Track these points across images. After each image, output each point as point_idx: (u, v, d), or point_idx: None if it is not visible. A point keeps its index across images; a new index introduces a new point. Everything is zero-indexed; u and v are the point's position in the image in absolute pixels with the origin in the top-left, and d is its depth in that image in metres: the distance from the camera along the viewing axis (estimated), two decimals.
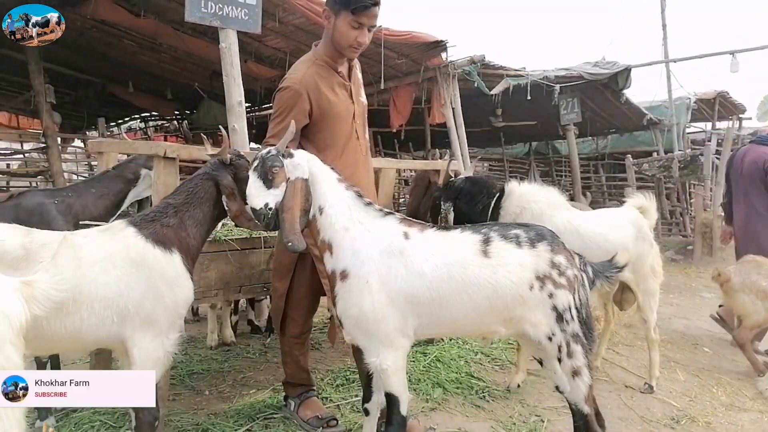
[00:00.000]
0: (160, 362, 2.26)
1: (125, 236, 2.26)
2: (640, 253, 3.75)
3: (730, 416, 3.74)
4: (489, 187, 3.77)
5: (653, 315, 3.85)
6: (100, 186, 3.54)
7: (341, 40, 2.72)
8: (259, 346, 4.43)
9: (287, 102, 2.72)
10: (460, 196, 3.69)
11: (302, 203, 2.24)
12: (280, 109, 2.75)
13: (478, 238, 2.29)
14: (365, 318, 2.21)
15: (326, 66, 2.81)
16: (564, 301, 2.27)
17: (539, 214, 3.56)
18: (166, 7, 6.19)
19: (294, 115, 2.66)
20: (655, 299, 3.86)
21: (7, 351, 1.63)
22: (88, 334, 2.15)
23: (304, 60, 2.86)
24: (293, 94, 2.70)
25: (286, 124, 2.53)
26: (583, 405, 2.35)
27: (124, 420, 2.87)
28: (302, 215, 2.25)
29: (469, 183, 3.80)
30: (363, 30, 2.70)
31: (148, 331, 2.22)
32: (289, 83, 2.74)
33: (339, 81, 2.85)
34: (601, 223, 3.75)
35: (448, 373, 3.81)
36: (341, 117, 2.83)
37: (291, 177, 2.24)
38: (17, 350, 1.67)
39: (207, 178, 2.50)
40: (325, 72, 2.80)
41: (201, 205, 2.43)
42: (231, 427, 2.89)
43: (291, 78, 2.77)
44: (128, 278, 2.18)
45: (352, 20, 2.65)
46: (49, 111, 7.79)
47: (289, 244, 2.17)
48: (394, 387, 2.27)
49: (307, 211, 2.29)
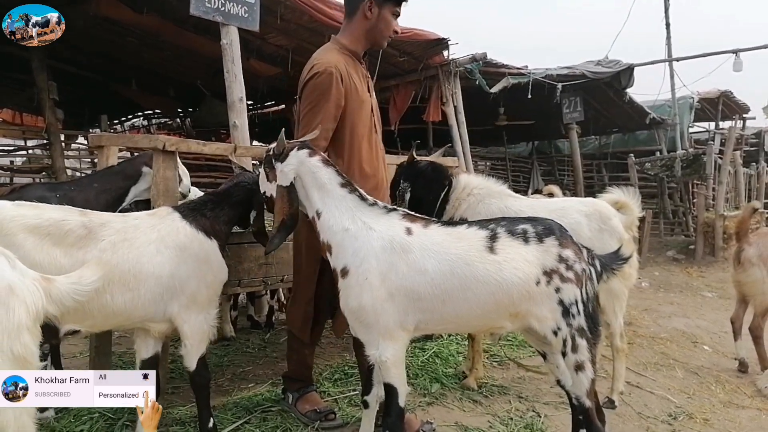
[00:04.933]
0: (205, 336, 2.55)
1: (173, 220, 2.49)
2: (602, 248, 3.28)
3: (728, 413, 3.74)
4: (445, 177, 3.68)
5: (618, 320, 3.51)
6: (102, 181, 3.55)
7: (385, 30, 2.83)
8: (259, 341, 4.45)
9: (323, 84, 2.62)
10: (420, 179, 3.58)
11: (285, 208, 2.36)
12: (315, 94, 2.64)
13: (485, 234, 2.28)
14: (365, 312, 2.24)
15: (350, 55, 2.84)
16: (571, 296, 2.27)
17: (477, 202, 3.51)
18: (169, 4, 6.21)
19: (333, 98, 2.63)
20: (620, 302, 3.51)
21: (25, 338, 1.66)
22: (140, 310, 2.35)
23: (329, 48, 2.85)
24: (328, 76, 2.63)
25: (326, 114, 2.62)
26: (585, 399, 2.35)
27: (122, 412, 2.89)
28: (289, 218, 2.38)
29: (431, 168, 3.69)
30: (397, 20, 2.86)
31: (193, 308, 2.46)
32: (322, 66, 2.65)
33: (362, 72, 2.90)
34: (547, 212, 3.38)
35: (447, 368, 3.82)
36: (365, 106, 2.84)
37: (277, 182, 2.38)
38: (34, 338, 1.70)
39: (247, 188, 2.76)
40: (351, 62, 2.83)
41: (234, 209, 2.68)
42: (229, 419, 2.91)
43: (322, 61, 2.69)
44: (177, 259, 2.40)
45: (395, 10, 2.81)
46: (52, 108, 7.82)
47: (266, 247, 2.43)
48: (393, 378, 2.29)
49: (295, 215, 2.40)
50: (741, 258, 4.42)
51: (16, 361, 1.61)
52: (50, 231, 2.24)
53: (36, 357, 1.71)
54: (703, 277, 8.82)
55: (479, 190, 3.63)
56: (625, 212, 3.64)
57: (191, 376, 2.58)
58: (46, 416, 2.81)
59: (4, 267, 1.66)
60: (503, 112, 11.02)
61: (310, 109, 2.66)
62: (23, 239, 2.18)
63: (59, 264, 2.21)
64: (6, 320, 1.59)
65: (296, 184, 2.37)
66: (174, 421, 2.89)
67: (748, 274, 4.39)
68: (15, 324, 1.61)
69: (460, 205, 3.57)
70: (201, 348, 2.56)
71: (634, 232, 3.81)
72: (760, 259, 4.30)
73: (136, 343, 2.61)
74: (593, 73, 9.88)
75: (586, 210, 3.50)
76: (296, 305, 3.02)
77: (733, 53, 10.96)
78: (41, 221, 2.24)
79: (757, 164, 13.24)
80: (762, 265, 4.29)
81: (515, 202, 3.59)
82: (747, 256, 4.36)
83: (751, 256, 4.33)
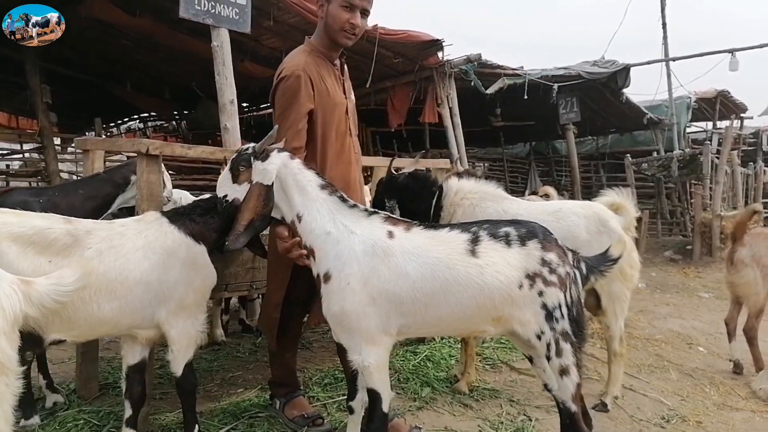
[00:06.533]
0: (193, 341, 2.53)
1: (160, 225, 2.47)
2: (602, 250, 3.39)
3: (721, 415, 3.72)
4: (430, 184, 3.64)
5: (618, 323, 3.46)
6: (88, 188, 3.52)
7: (333, 23, 2.69)
8: (250, 346, 4.42)
9: (291, 88, 2.61)
10: (405, 193, 3.53)
11: (259, 207, 2.30)
12: (285, 98, 2.63)
13: (466, 237, 2.26)
14: (347, 316, 2.21)
15: (322, 57, 2.79)
16: (554, 300, 2.24)
17: (472, 207, 3.46)
18: (161, 7, 6.19)
19: (302, 99, 2.60)
20: (621, 305, 3.45)
21: (1, 343, 1.64)
22: (128, 316, 2.34)
23: (300, 50, 2.80)
24: (296, 79, 2.61)
25: (296, 116, 2.57)
26: (570, 403, 2.32)
27: (108, 418, 2.87)
28: (259, 219, 2.31)
29: (411, 179, 3.63)
30: (355, 12, 2.68)
31: (181, 313, 2.45)
32: (290, 70, 2.64)
33: (335, 73, 2.84)
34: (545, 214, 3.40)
35: (438, 372, 3.80)
36: (338, 108, 2.79)
37: (254, 180, 2.31)
38: (11, 342, 1.69)
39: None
40: (321, 62, 2.77)
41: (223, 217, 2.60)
42: (216, 425, 2.88)
43: (290, 65, 2.67)
44: (165, 264, 2.39)
45: (342, 1, 2.65)
46: (45, 111, 7.80)
47: (227, 242, 2.29)
48: (376, 384, 2.26)
49: (266, 216, 2.34)
50: (734, 259, 4.40)
51: None
52: (34, 240, 2.21)
53: (13, 362, 1.69)
54: (700, 277, 8.80)
55: (474, 194, 3.59)
56: (622, 213, 3.60)
57: (178, 381, 2.57)
58: (31, 423, 2.80)
59: None
60: (500, 113, 11.00)
61: (281, 113, 2.64)
62: (6, 248, 2.16)
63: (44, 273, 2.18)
64: None
65: (274, 186, 2.33)
66: (160, 428, 2.87)
67: (741, 275, 4.36)
68: None
69: (455, 211, 3.52)
70: (188, 353, 2.54)
71: (633, 233, 3.78)
72: (753, 260, 4.27)
73: (123, 349, 2.59)
74: (589, 74, 9.87)
75: (584, 212, 3.48)
76: (264, 311, 3.03)
77: (729, 53, 10.94)
78: (25, 229, 2.21)
79: (755, 164, 13.21)
80: (755, 265, 4.26)
81: (512, 205, 3.56)
82: (740, 257, 4.34)
83: (744, 257, 4.31)
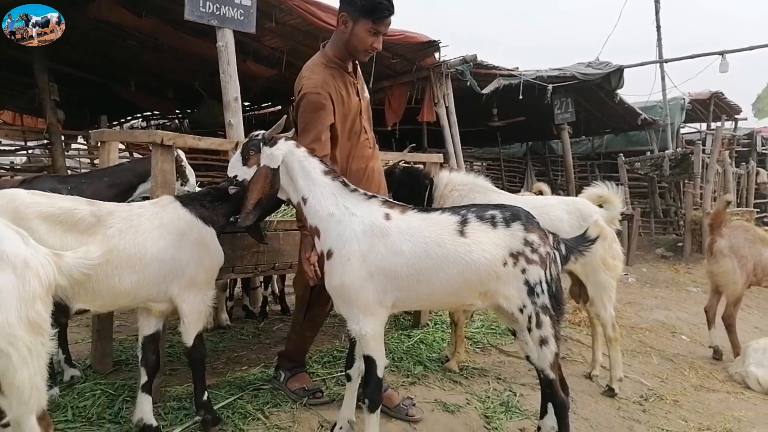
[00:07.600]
0: (202, 314, 2.74)
1: (174, 208, 2.69)
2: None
3: (698, 395, 3.94)
4: (422, 177, 3.87)
5: (607, 311, 3.65)
6: (112, 176, 3.72)
7: (359, 45, 2.90)
8: (253, 330, 4.64)
9: (315, 104, 2.83)
10: (400, 186, 3.75)
11: (266, 188, 2.55)
12: (308, 113, 2.85)
13: (456, 219, 2.49)
14: (347, 289, 2.44)
15: (337, 68, 2.99)
16: (536, 276, 2.47)
17: (461, 198, 3.67)
18: (167, 8, 6.39)
19: (324, 115, 2.84)
20: (608, 293, 3.64)
21: (38, 307, 1.84)
22: (145, 290, 2.56)
23: (317, 63, 2.98)
24: (317, 96, 2.83)
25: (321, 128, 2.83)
26: (549, 371, 2.56)
27: (123, 389, 3.09)
28: (266, 198, 2.58)
29: (405, 173, 3.87)
30: (378, 37, 2.92)
31: (192, 288, 2.66)
32: (312, 89, 2.84)
33: (349, 80, 3.04)
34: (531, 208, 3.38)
35: (431, 353, 4.02)
36: (352, 115, 3.01)
37: (262, 163, 2.56)
38: (46, 307, 1.89)
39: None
40: (337, 73, 2.97)
41: (231, 204, 2.83)
42: (223, 396, 3.10)
43: (311, 82, 2.86)
44: (178, 244, 2.61)
45: (371, 27, 2.85)
46: (53, 108, 8.00)
47: (239, 219, 2.57)
48: (372, 351, 2.48)
49: (272, 197, 2.60)
50: (713, 249, 4.62)
51: (31, 327, 1.81)
52: (62, 219, 2.42)
53: (47, 323, 1.90)
54: (690, 273, 9.01)
55: (463, 186, 3.84)
56: (608, 207, 3.80)
57: (188, 351, 2.76)
58: (51, 394, 2.99)
59: (19, 243, 1.86)
60: (497, 113, 11.20)
61: (304, 126, 2.87)
62: (37, 225, 2.36)
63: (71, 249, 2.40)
64: (23, 290, 1.79)
65: (280, 170, 2.56)
66: (171, 398, 3.08)
67: (720, 265, 4.58)
68: (30, 294, 1.81)
69: (445, 202, 3.77)
70: (198, 325, 2.75)
71: (617, 226, 3.99)
72: (731, 251, 4.49)
73: (139, 321, 2.80)
74: (583, 75, 10.06)
75: (568, 208, 3.74)
76: (296, 288, 3.33)
77: (719, 54, 11.17)
78: (54, 209, 2.42)
79: (747, 164, 13.44)
80: (733, 255, 4.49)
81: (499, 197, 3.78)
82: (719, 247, 4.56)
83: (722, 247, 4.53)
